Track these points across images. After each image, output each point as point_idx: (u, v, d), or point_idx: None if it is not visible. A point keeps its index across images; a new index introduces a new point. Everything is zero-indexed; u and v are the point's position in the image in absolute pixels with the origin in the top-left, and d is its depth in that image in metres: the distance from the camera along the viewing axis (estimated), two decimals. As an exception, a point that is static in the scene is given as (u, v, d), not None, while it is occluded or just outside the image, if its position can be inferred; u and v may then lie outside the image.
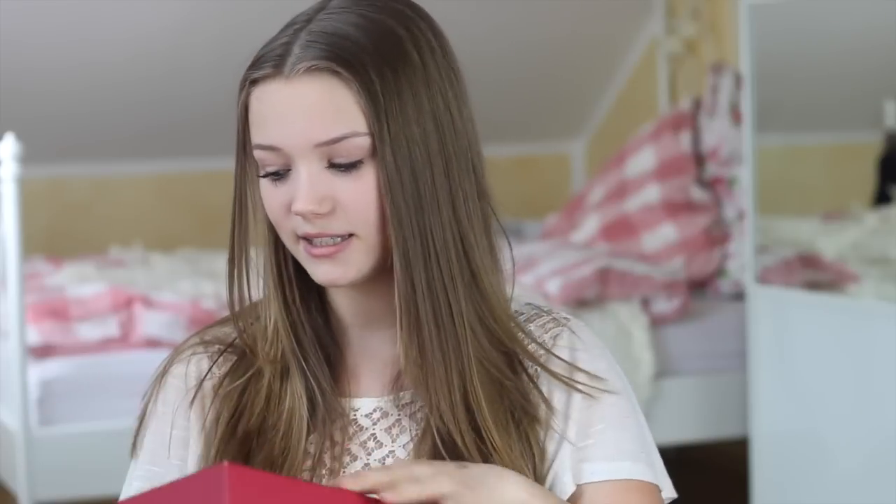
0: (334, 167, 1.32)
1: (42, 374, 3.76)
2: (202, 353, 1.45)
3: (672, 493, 1.42)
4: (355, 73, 1.30)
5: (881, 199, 4.03)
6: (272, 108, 1.32)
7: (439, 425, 1.35)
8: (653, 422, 4.08)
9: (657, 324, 4.14)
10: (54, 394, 3.76)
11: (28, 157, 3.82)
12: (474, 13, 5.00)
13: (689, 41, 5.18)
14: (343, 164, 1.32)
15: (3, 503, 4.10)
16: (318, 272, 1.35)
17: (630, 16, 5.31)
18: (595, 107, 5.64)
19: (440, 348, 1.34)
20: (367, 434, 1.40)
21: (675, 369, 4.15)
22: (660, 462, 1.42)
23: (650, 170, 4.65)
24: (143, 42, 4.81)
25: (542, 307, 1.45)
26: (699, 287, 4.45)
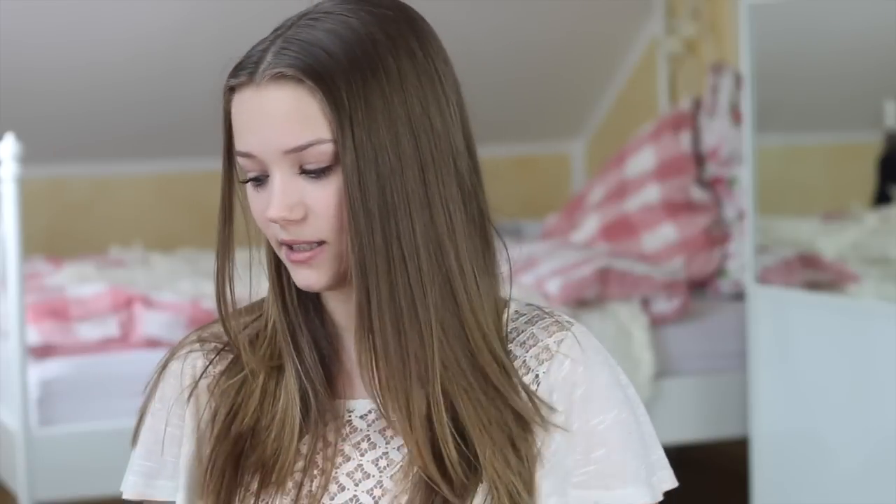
0: (305, 173, 1.34)
1: (42, 374, 3.76)
2: (199, 352, 1.46)
3: (673, 483, 1.43)
4: (319, 82, 1.31)
5: (881, 199, 4.03)
6: (246, 115, 1.35)
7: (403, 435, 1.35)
8: (653, 422, 4.07)
9: (657, 324, 4.14)
10: (54, 394, 3.76)
11: (28, 157, 3.82)
12: (474, 13, 5.00)
13: (689, 41, 5.18)
14: (313, 171, 1.33)
15: (3, 503, 4.10)
16: (297, 277, 1.37)
17: (630, 16, 5.31)
18: (595, 107, 5.64)
19: (400, 357, 1.34)
20: (360, 435, 1.40)
21: (675, 369, 4.15)
22: (660, 455, 1.42)
23: (650, 170, 4.65)
24: (143, 42, 4.81)
25: (543, 308, 1.45)
26: (699, 287, 4.45)
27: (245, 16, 4.71)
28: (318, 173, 1.33)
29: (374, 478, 1.38)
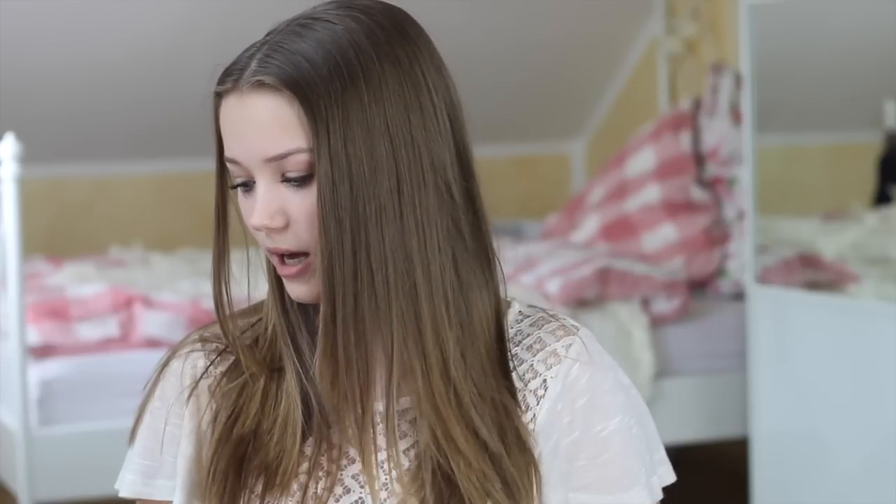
0: (287, 181, 1.33)
1: (42, 374, 3.76)
2: (200, 352, 1.45)
3: (671, 478, 1.44)
4: (298, 91, 1.30)
5: (881, 199, 4.03)
6: (230, 122, 1.35)
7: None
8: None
9: (657, 324, 4.14)
10: (54, 394, 3.76)
11: (28, 157, 3.82)
12: (474, 13, 5.00)
13: (689, 41, 5.18)
14: (294, 179, 1.33)
15: (3, 503, 4.10)
16: (290, 290, 1.38)
17: (630, 16, 5.31)
18: (595, 107, 5.64)
19: (360, 372, 1.34)
20: (377, 435, 1.39)
21: (675, 369, 4.15)
22: (660, 452, 1.43)
23: (650, 170, 4.65)
24: (143, 42, 4.81)
25: (546, 310, 1.45)
26: (699, 287, 4.45)
27: (245, 16, 4.71)
28: (300, 182, 1.33)
29: (380, 480, 1.38)
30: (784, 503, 3.88)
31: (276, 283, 1.41)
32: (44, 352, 3.84)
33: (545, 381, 1.40)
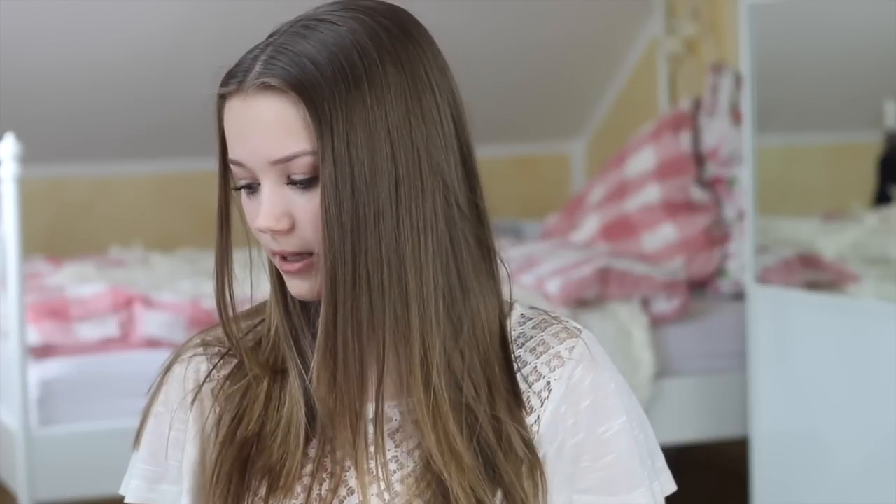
0: (293, 184, 1.33)
1: (42, 374, 3.76)
2: (202, 356, 1.45)
3: (671, 487, 1.44)
4: (303, 93, 1.30)
5: (881, 199, 4.03)
6: (235, 124, 1.35)
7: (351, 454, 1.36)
8: (653, 422, 4.04)
9: (657, 324, 4.14)
10: (54, 394, 3.76)
11: (28, 157, 3.82)
12: (474, 14, 5.00)
13: (689, 41, 5.18)
14: (300, 181, 1.33)
15: (3, 503, 4.10)
16: (290, 286, 1.37)
17: (630, 16, 5.31)
18: (595, 107, 5.64)
19: (357, 376, 1.33)
20: (369, 438, 1.39)
21: (675, 369, 4.15)
22: (661, 460, 1.43)
23: (650, 170, 4.65)
24: (143, 42, 4.81)
25: (548, 312, 1.45)
26: (699, 287, 4.45)
27: (245, 16, 4.71)
28: (305, 184, 1.33)
29: (384, 481, 1.37)
30: (784, 503, 3.88)
31: (279, 284, 1.41)
32: (44, 352, 3.84)
33: (549, 383, 1.40)
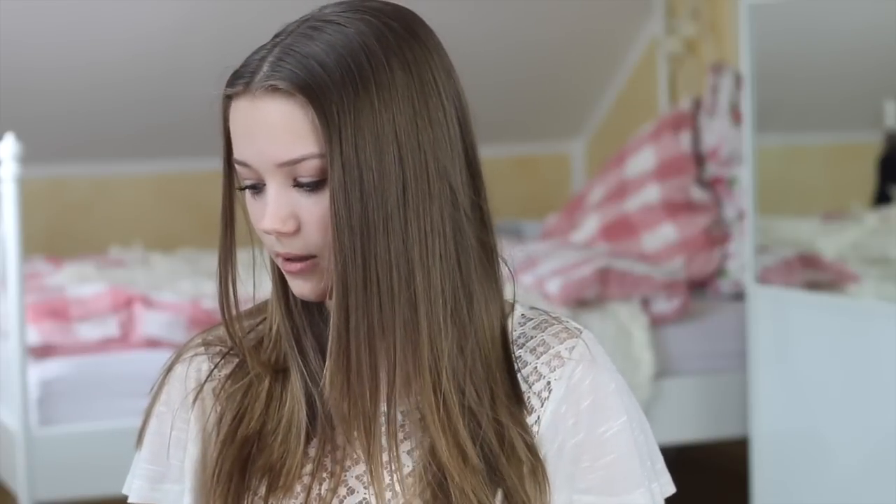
0: (299, 186, 1.33)
1: (42, 374, 3.76)
2: (204, 355, 1.45)
3: (671, 489, 1.44)
4: (312, 97, 1.30)
5: (881, 199, 4.03)
6: (241, 125, 1.34)
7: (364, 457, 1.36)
8: (653, 422, 4.05)
9: (657, 324, 4.14)
10: (54, 394, 3.76)
11: (28, 157, 3.82)
12: (474, 13, 5.00)
13: (689, 41, 5.18)
14: (307, 184, 1.33)
15: (3, 503, 4.10)
16: (293, 286, 1.37)
17: (630, 16, 5.31)
18: (595, 107, 5.64)
19: (370, 379, 1.33)
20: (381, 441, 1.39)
21: (675, 369, 4.15)
22: (660, 462, 1.43)
23: (650, 170, 4.65)
24: (143, 42, 4.81)
25: (549, 313, 1.45)
26: (699, 287, 4.45)
27: (245, 16, 4.71)
28: (312, 186, 1.32)
29: (399, 484, 1.37)
30: (784, 503, 3.88)
31: (280, 284, 1.41)
32: (44, 352, 3.84)
33: (549, 383, 1.40)
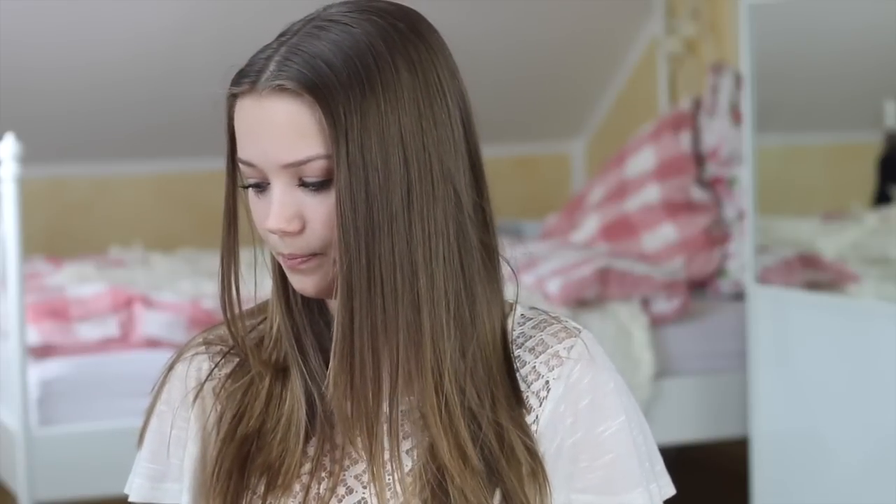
0: (305, 186, 1.33)
1: (42, 374, 3.77)
2: (204, 354, 1.45)
3: (670, 490, 1.44)
4: (319, 97, 1.30)
5: (881, 199, 4.03)
6: (247, 124, 1.34)
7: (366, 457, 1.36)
8: (653, 422, 4.07)
9: (657, 324, 4.14)
10: (54, 394, 3.76)
11: (28, 157, 3.82)
12: (474, 13, 5.00)
13: (689, 41, 5.18)
14: (312, 184, 1.33)
15: (3, 503, 4.10)
16: (294, 282, 1.37)
17: (630, 16, 5.32)
18: (595, 107, 5.64)
19: (373, 380, 1.34)
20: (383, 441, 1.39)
21: (675, 369, 4.15)
22: (660, 463, 1.43)
23: (650, 170, 4.65)
24: (143, 42, 4.81)
25: (548, 313, 1.45)
26: (699, 287, 4.45)
27: (245, 16, 4.71)
28: (318, 186, 1.32)
29: (400, 484, 1.37)
30: (784, 503, 3.88)
31: (281, 283, 1.41)
32: (44, 352, 3.84)
33: (547, 382, 1.40)
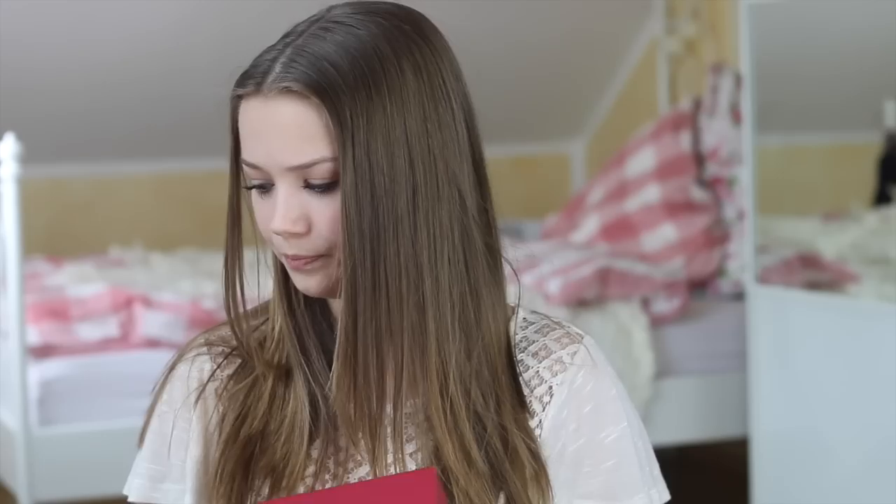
0: (311, 188, 1.33)
1: (42, 374, 3.77)
2: (206, 355, 1.45)
3: (666, 496, 1.44)
4: (326, 100, 1.30)
5: (881, 199, 4.03)
6: (252, 126, 1.34)
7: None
8: (653, 422, 4.09)
9: (657, 324, 4.14)
10: (54, 394, 3.76)
11: (28, 157, 3.82)
12: (474, 13, 5.00)
13: (689, 41, 5.18)
14: (318, 186, 1.32)
15: (3, 503, 4.10)
16: (297, 281, 1.37)
17: (630, 16, 5.32)
18: (595, 107, 5.64)
19: (376, 382, 1.34)
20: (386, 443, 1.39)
21: (675, 369, 4.15)
22: (657, 468, 1.44)
23: (650, 170, 4.65)
24: (143, 42, 4.81)
25: (550, 318, 1.45)
26: (699, 287, 4.45)
27: (245, 16, 4.71)
28: (324, 188, 1.32)
29: None
30: (784, 503, 3.88)
31: (283, 283, 1.41)
32: (44, 352, 3.84)
33: (551, 387, 1.40)
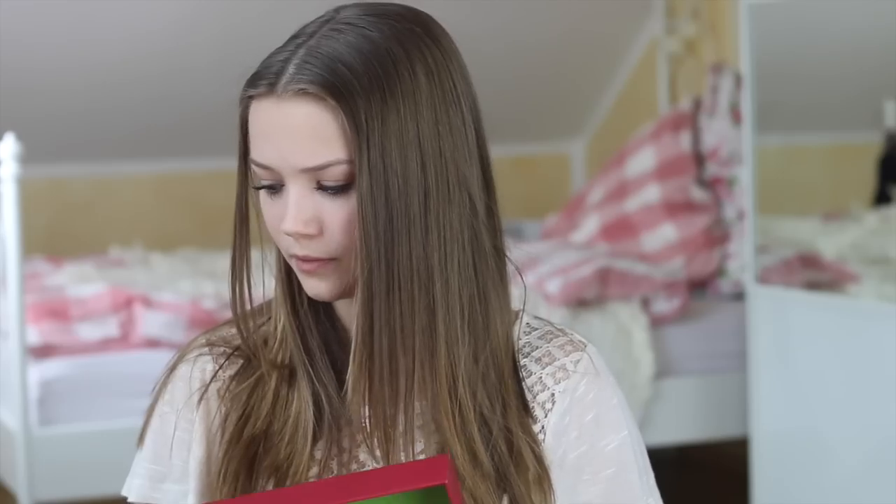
0: (323, 189, 1.33)
1: (42, 374, 3.77)
2: (208, 355, 1.44)
3: None
4: (342, 101, 1.29)
5: (881, 199, 4.03)
6: (264, 127, 1.33)
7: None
8: (653, 422, 4.09)
9: (657, 324, 4.14)
10: (54, 394, 3.76)
11: (28, 157, 3.82)
12: (474, 13, 5.00)
13: (689, 41, 5.18)
14: (331, 188, 1.32)
15: (3, 503, 4.10)
16: (307, 286, 1.37)
17: (630, 16, 5.32)
18: (595, 107, 5.64)
19: (390, 384, 1.33)
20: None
21: (675, 369, 4.15)
22: (652, 477, 1.44)
23: (650, 170, 4.65)
24: (143, 42, 4.81)
25: (553, 324, 1.45)
26: (699, 287, 4.45)
27: (245, 16, 4.71)
28: (337, 190, 1.32)
29: None
30: (784, 503, 3.88)
31: (287, 283, 1.41)
32: (44, 352, 3.84)
33: (553, 394, 1.41)
